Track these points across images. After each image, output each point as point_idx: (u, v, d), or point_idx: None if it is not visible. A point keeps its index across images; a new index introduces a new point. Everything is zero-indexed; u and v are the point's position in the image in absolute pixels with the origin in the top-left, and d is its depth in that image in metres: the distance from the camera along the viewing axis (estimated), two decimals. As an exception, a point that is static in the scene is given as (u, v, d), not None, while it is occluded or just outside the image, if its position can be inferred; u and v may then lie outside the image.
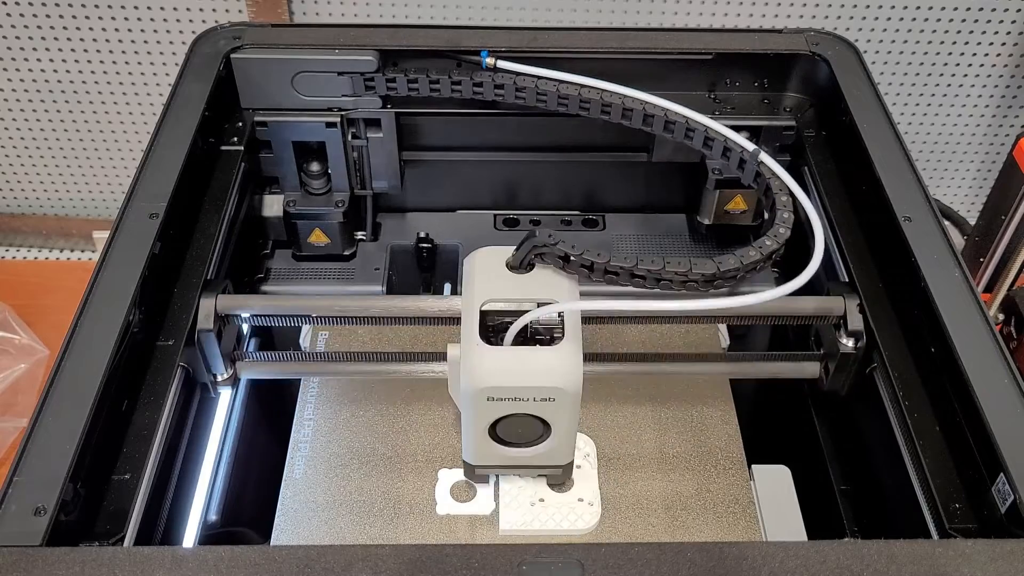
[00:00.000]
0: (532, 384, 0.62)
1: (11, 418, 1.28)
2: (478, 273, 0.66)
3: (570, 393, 0.62)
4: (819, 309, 0.74)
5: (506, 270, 0.66)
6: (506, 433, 0.67)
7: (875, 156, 0.80)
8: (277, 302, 0.78)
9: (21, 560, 0.53)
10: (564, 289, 0.65)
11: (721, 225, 0.99)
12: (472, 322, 0.64)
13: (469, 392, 0.63)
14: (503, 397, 0.63)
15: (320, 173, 0.95)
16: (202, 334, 0.72)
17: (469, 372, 0.62)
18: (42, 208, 1.70)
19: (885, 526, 0.75)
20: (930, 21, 1.41)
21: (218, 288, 0.74)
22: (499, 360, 0.62)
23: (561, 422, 0.65)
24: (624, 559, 0.53)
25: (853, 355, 0.73)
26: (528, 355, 0.63)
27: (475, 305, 0.64)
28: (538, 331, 0.65)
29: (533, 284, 0.66)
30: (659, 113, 0.82)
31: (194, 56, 0.88)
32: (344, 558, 0.53)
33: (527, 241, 0.65)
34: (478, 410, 0.64)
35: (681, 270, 0.65)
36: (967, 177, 1.65)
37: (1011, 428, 0.60)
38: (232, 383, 0.76)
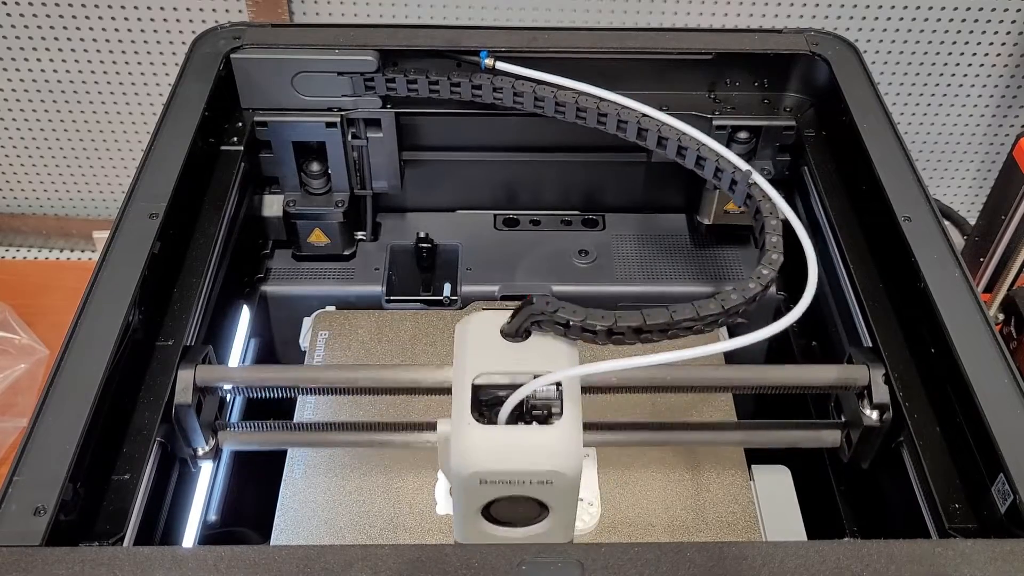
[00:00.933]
0: (528, 468, 0.56)
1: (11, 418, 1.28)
2: (471, 342, 0.61)
3: (569, 477, 0.57)
4: (840, 379, 0.69)
5: (501, 338, 0.61)
6: (500, 513, 0.60)
7: (875, 156, 0.80)
8: (258, 373, 0.73)
9: (21, 560, 0.53)
10: (563, 357, 0.60)
11: (721, 225, 0.99)
12: (464, 398, 0.58)
13: (460, 475, 0.57)
14: (497, 480, 0.57)
15: (320, 173, 0.95)
16: (180, 408, 0.66)
17: (460, 454, 0.57)
18: (42, 208, 1.70)
19: (885, 526, 0.75)
20: (930, 21, 1.41)
21: (198, 357, 0.68)
22: (492, 441, 0.57)
23: (561, 503, 0.59)
24: (624, 559, 0.53)
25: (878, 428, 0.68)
26: (524, 436, 0.57)
27: (467, 379, 0.59)
28: (536, 406, 0.59)
29: (530, 353, 0.60)
30: (652, 127, 0.80)
31: (194, 56, 0.88)
32: (344, 558, 0.53)
33: (524, 309, 0.60)
34: (469, 493, 0.58)
35: (687, 316, 0.59)
36: (967, 177, 1.65)
37: (1011, 428, 0.60)
38: (214, 456, 0.71)
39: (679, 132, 0.79)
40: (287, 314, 0.94)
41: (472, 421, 0.57)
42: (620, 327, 0.59)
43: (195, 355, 0.69)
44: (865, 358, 0.69)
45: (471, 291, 0.95)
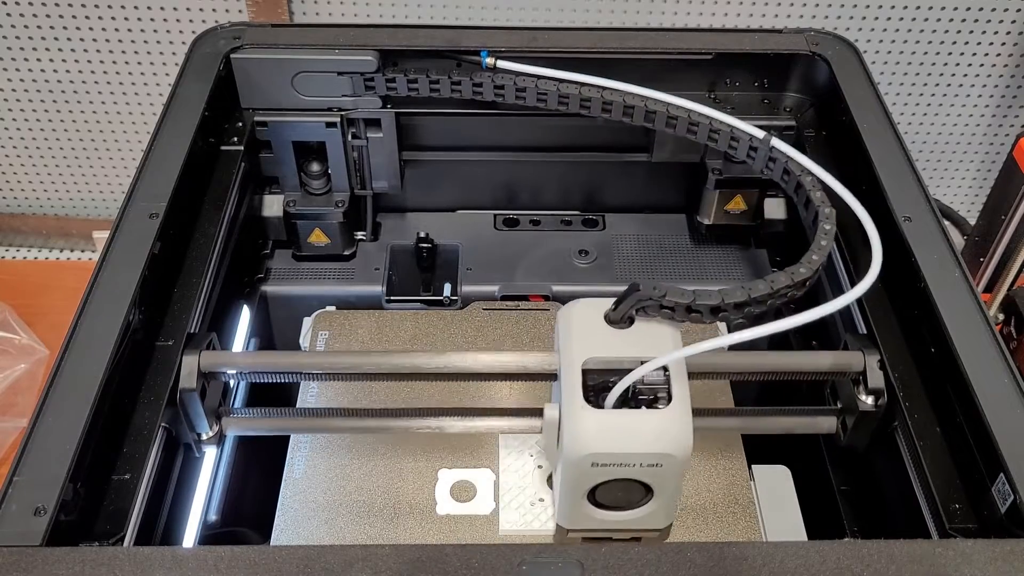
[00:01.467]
0: (640, 450, 0.59)
1: (11, 418, 1.28)
2: (576, 328, 0.63)
3: (679, 458, 0.59)
4: (837, 365, 0.70)
5: (605, 324, 0.63)
6: (605, 497, 0.63)
7: (875, 156, 0.80)
8: (263, 359, 0.75)
9: (21, 560, 0.53)
10: (667, 342, 0.62)
11: (721, 225, 0.99)
12: (574, 382, 0.60)
13: (572, 458, 0.59)
14: (608, 463, 0.60)
15: (320, 173, 0.95)
16: (184, 393, 0.67)
17: (573, 437, 0.59)
18: (42, 208, 1.70)
19: (885, 526, 0.75)
20: (930, 21, 1.41)
21: (202, 343, 0.69)
22: (605, 424, 0.59)
23: (666, 486, 0.62)
24: (624, 559, 0.53)
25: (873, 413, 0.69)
26: (636, 419, 0.59)
27: (576, 364, 0.61)
28: (640, 391, 0.61)
29: (635, 339, 0.62)
30: (661, 109, 0.81)
31: (194, 56, 0.88)
32: (344, 558, 0.53)
33: (630, 296, 0.62)
34: (579, 475, 0.60)
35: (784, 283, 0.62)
36: (967, 177, 1.65)
37: (1011, 428, 0.60)
38: (217, 441, 0.72)
39: (688, 110, 0.80)
40: (287, 314, 0.94)
41: (585, 405, 0.59)
42: (726, 304, 0.61)
43: (199, 341, 0.70)
44: (860, 344, 0.70)
45: (471, 291, 0.95)
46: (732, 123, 0.79)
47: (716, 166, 0.95)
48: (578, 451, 0.59)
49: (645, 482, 0.61)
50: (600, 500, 0.63)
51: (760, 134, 0.77)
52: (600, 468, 0.60)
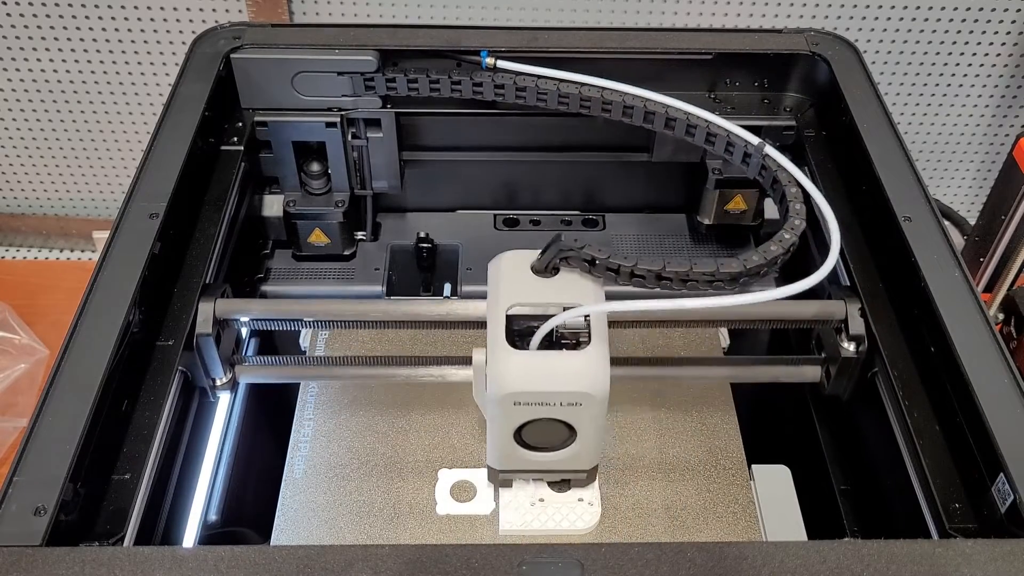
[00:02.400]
0: (560, 389, 0.62)
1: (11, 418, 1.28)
2: (504, 277, 0.66)
3: (597, 398, 0.62)
4: (820, 313, 0.74)
5: (531, 274, 0.66)
6: (532, 438, 0.66)
7: (875, 156, 0.80)
8: (276, 306, 0.78)
9: (21, 560, 0.53)
10: (590, 292, 0.65)
11: (721, 225, 0.99)
12: (498, 326, 0.63)
13: (496, 397, 0.62)
14: (530, 402, 0.62)
15: (320, 173, 0.95)
16: (200, 338, 0.71)
17: (496, 377, 0.62)
18: (42, 208, 1.70)
19: (885, 526, 0.75)
20: (930, 21, 1.41)
21: (217, 292, 0.73)
22: (526, 365, 0.62)
23: (587, 426, 0.65)
24: (624, 559, 0.53)
25: (854, 360, 0.73)
26: (555, 359, 0.63)
27: (501, 309, 0.64)
28: (563, 335, 0.64)
29: (559, 288, 0.65)
30: (660, 110, 0.81)
31: (194, 56, 0.88)
32: (344, 558, 0.53)
33: (553, 245, 0.65)
34: (504, 415, 0.63)
35: (708, 270, 0.64)
36: (967, 177, 1.65)
37: (1011, 428, 0.60)
38: (231, 387, 0.76)
39: (686, 112, 0.80)
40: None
41: (507, 346, 0.62)
42: (640, 270, 0.63)
43: (214, 290, 0.73)
44: (842, 294, 0.74)
45: (471, 291, 0.95)
46: (729, 128, 0.79)
47: (716, 166, 0.95)
48: (501, 390, 0.62)
49: (568, 422, 0.64)
50: (528, 441, 0.66)
51: (755, 140, 0.78)
52: (523, 407, 0.63)
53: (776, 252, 0.66)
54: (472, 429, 0.79)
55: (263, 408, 0.90)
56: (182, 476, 0.74)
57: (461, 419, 0.80)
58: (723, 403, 0.82)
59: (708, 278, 0.64)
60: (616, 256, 0.64)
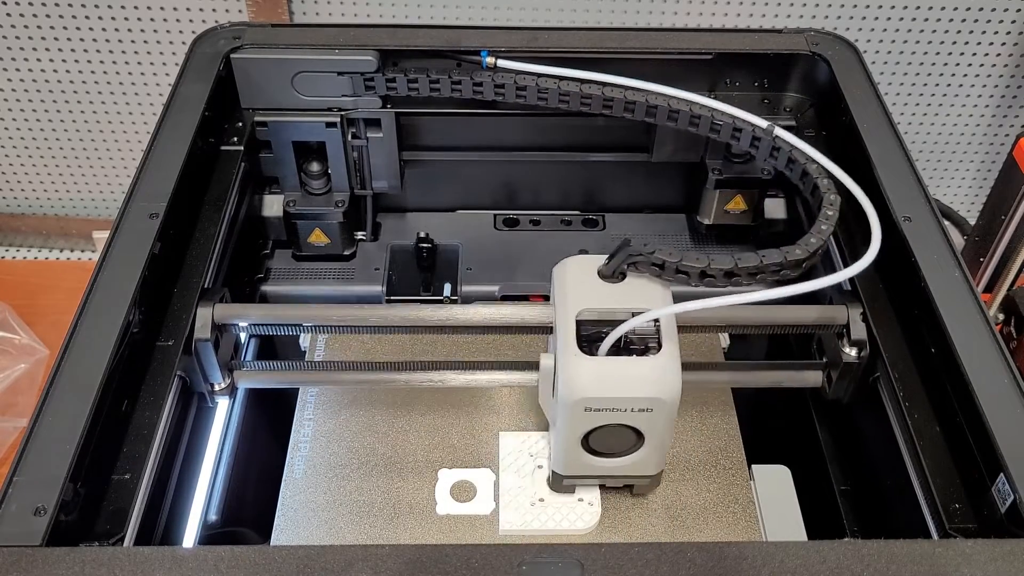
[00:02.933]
0: (632, 395, 0.62)
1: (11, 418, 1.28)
2: (571, 282, 0.66)
3: (669, 403, 0.62)
4: (822, 318, 0.73)
5: (597, 279, 0.66)
6: (598, 443, 0.66)
7: (875, 156, 0.80)
8: (274, 311, 0.77)
9: (21, 560, 0.53)
10: (658, 296, 0.65)
11: (721, 225, 0.99)
12: (568, 331, 0.63)
13: (567, 403, 0.62)
14: (601, 408, 0.62)
15: (320, 173, 0.95)
16: (199, 343, 0.71)
17: (567, 382, 0.61)
18: (42, 208, 1.70)
19: (885, 526, 0.75)
20: (930, 21, 1.41)
21: (215, 296, 0.73)
22: (598, 370, 0.62)
23: (656, 432, 0.65)
24: (624, 559, 0.53)
25: (856, 365, 0.72)
26: (627, 365, 0.62)
27: (570, 314, 0.64)
28: (632, 341, 0.64)
29: (626, 293, 0.65)
30: (662, 103, 0.81)
31: (194, 56, 0.88)
32: (344, 558, 0.53)
33: (621, 250, 0.65)
34: (574, 420, 0.63)
35: (776, 260, 0.64)
36: (967, 177, 1.65)
37: (1011, 428, 0.60)
38: (230, 392, 0.76)
39: (689, 102, 0.80)
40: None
41: (578, 352, 0.62)
42: (713, 269, 0.63)
43: (213, 295, 0.73)
44: (844, 299, 0.73)
45: (471, 291, 0.95)
46: (735, 114, 0.79)
47: (716, 166, 0.95)
48: (572, 396, 0.61)
49: (636, 428, 0.64)
50: (594, 447, 0.66)
51: (764, 124, 0.78)
52: (593, 413, 0.62)
53: (827, 231, 0.67)
54: (472, 429, 0.79)
55: (263, 408, 0.90)
56: (182, 476, 0.74)
57: (461, 419, 0.80)
58: (723, 403, 0.82)
59: (776, 267, 0.64)
60: (688, 258, 0.64)
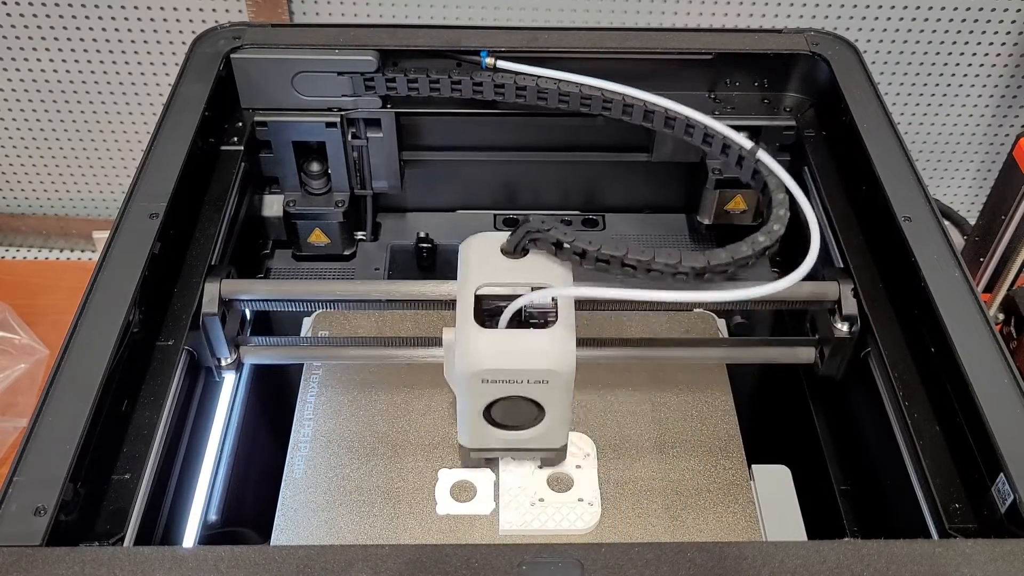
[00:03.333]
0: (526, 366, 0.63)
1: (11, 418, 1.28)
2: (473, 258, 0.67)
3: (564, 375, 0.63)
4: (814, 294, 0.75)
5: (501, 255, 0.67)
6: (501, 416, 0.67)
7: (875, 156, 0.80)
8: (280, 287, 0.78)
9: (21, 560, 0.53)
10: (558, 274, 0.66)
11: (721, 225, 0.99)
12: (467, 306, 0.64)
13: (464, 374, 0.63)
14: (498, 379, 0.63)
15: (320, 173, 0.95)
16: (206, 318, 0.72)
17: (464, 355, 0.63)
18: (42, 208, 1.70)
19: (885, 526, 0.75)
20: (930, 21, 1.41)
21: (222, 273, 0.74)
22: (494, 343, 0.63)
23: (555, 404, 0.66)
24: (624, 559, 0.53)
25: (848, 340, 0.74)
26: (522, 337, 0.64)
27: (470, 289, 0.65)
28: (532, 315, 0.66)
29: (527, 269, 0.66)
30: (659, 110, 0.81)
31: (194, 56, 0.88)
32: (344, 558, 0.53)
33: (521, 227, 0.66)
34: (473, 392, 0.65)
35: (671, 262, 0.65)
36: (967, 177, 1.65)
37: (1011, 428, 0.60)
38: (236, 367, 0.77)
39: (686, 114, 0.80)
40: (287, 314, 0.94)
41: (475, 325, 0.63)
42: (604, 255, 0.65)
43: (219, 271, 0.75)
44: (835, 275, 0.75)
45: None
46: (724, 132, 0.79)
47: (716, 166, 0.95)
48: (469, 368, 0.62)
49: (536, 400, 0.65)
50: (497, 419, 0.67)
51: (747, 144, 0.78)
52: (491, 384, 0.63)
53: (745, 253, 0.67)
54: (472, 429, 0.79)
55: (264, 405, 0.90)
56: (182, 476, 0.74)
57: (461, 419, 0.80)
58: (723, 403, 0.82)
59: (671, 270, 0.65)
60: (581, 240, 0.65)
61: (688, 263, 0.65)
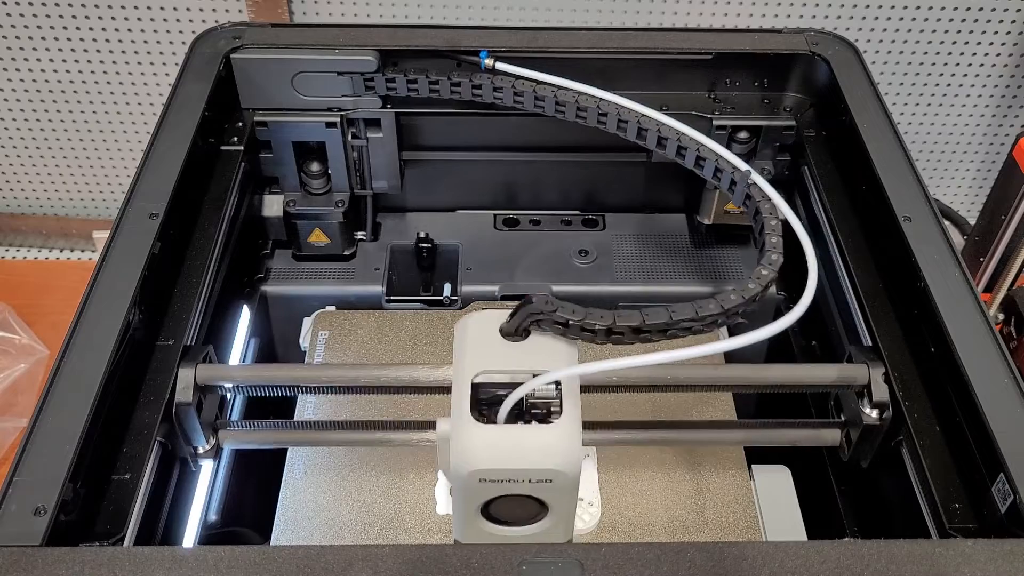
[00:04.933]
0: (527, 467, 0.57)
1: (11, 418, 1.28)
2: (470, 341, 0.60)
3: (569, 475, 0.57)
4: (841, 379, 0.70)
5: (500, 337, 0.60)
6: (500, 512, 0.60)
7: (875, 156, 0.80)
8: (260, 372, 0.73)
9: (21, 560, 0.53)
10: (562, 356, 0.59)
11: (721, 225, 0.99)
12: (463, 396, 0.58)
13: (460, 474, 0.57)
14: (496, 479, 0.57)
15: (320, 173, 0.95)
16: (180, 408, 0.67)
17: (460, 452, 0.57)
18: (42, 208, 1.70)
19: (885, 526, 0.75)
20: (930, 21, 1.41)
21: (198, 356, 0.69)
22: (492, 440, 0.57)
23: (560, 503, 0.60)
24: (624, 559, 0.53)
25: (878, 427, 0.68)
26: (523, 434, 0.57)
27: (466, 378, 0.58)
28: (535, 404, 0.59)
29: (529, 352, 0.60)
30: (652, 128, 0.80)
31: (194, 56, 0.88)
32: (344, 558, 0.53)
33: (523, 308, 0.60)
34: (469, 491, 0.58)
35: (687, 316, 0.59)
36: (967, 177, 1.65)
37: (1011, 428, 0.60)
38: (214, 455, 0.71)
39: (678, 132, 0.79)
40: (287, 314, 0.94)
41: (471, 420, 0.57)
42: (619, 327, 0.58)
43: (195, 354, 0.69)
44: (865, 357, 0.69)
45: (471, 291, 0.95)
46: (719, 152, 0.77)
47: (716, 166, 0.95)
48: (464, 467, 0.56)
49: (538, 498, 0.59)
50: (496, 515, 0.61)
51: (743, 167, 0.75)
52: (489, 484, 0.57)
53: (754, 290, 0.62)
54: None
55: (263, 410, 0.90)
56: (182, 476, 0.74)
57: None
58: (723, 402, 0.82)
59: (688, 324, 0.59)
60: (592, 316, 0.58)
61: (705, 312, 0.59)
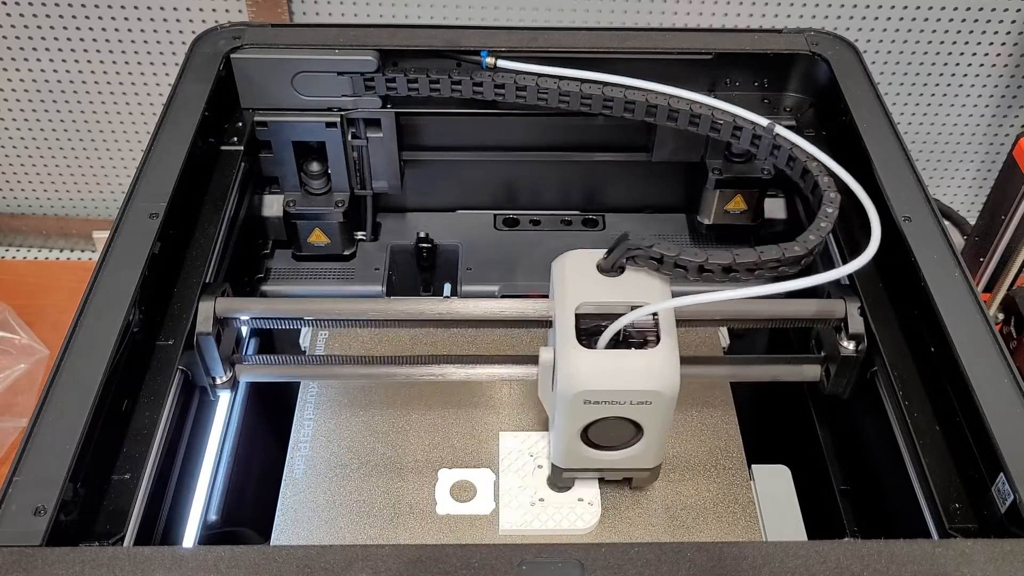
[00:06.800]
0: (631, 387, 0.62)
1: (11, 418, 1.28)
2: (569, 276, 0.66)
3: (667, 396, 0.62)
4: (820, 312, 0.74)
5: (597, 273, 0.66)
6: (597, 436, 0.66)
7: (875, 156, 0.80)
8: (276, 305, 0.77)
9: (21, 560, 0.53)
10: (657, 291, 0.65)
11: (721, 225, 0.99)
12: (567, 325, 0.63)
13: (566, 396, 0.62)
14: (600, 400, 0.62)
15: (320, 173, 0.95)
16: (201, 337, 0.71)
17: (566, 376, 0.62)
18: (42, 208, 1.70)
19: (885, 526, 0.75)
20: (930, 21, 1.41)
21: (217, 291, 0.73)
22: (597, 363, 0.62)
23: (655, 425, 0.65)
24: (624, 559, 0.53)
25: (854, 358, 0.73)
26: (626, 358, 0.63)
27: (569, 308, 0.64)
28: (631, 335, 0.64)
29: (625, 287, 0.65)
30: (662, 103, 0.81)
31: (194, 56, 0.88)
32: (344, 558, 0.53)
33: (620, 244, 0.65)
34: (573, 413, 0.63)
35: (774, 256, 0.64)
36: (967, 177, 1.65)
37: (1011, 428, 0.60)
38: (231, 386, 0.76)
39: (689, 101, 0.80)
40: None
41: (578, 345, 0.62)
42: (711, 264, 0.64)
43: (214, 289, 0.73)
44: (842, 293, 0.74)
45: (471, 291, 0.95)
46: (735, 112, 0.79)
47: (716, 166, 0.95)
48: (571, 389, 0.61)
49: (635, 420, 0.64)
50: (593, 440, 0.66)
51: (764, 122, 0.78)
52: (592, 406, 0.63)
53: (827, 228, 0.67)
54: (472, 429, 0.79)
55: (263, 408, 0.90)
56: (182, 476, 0.74)
57: (461, 419, 0.80)
58: (723, 403, 0.82)
59: (774, 263, 0.64)
60: (686, 253, 0.64)
61: (791, 253, 0.64)
